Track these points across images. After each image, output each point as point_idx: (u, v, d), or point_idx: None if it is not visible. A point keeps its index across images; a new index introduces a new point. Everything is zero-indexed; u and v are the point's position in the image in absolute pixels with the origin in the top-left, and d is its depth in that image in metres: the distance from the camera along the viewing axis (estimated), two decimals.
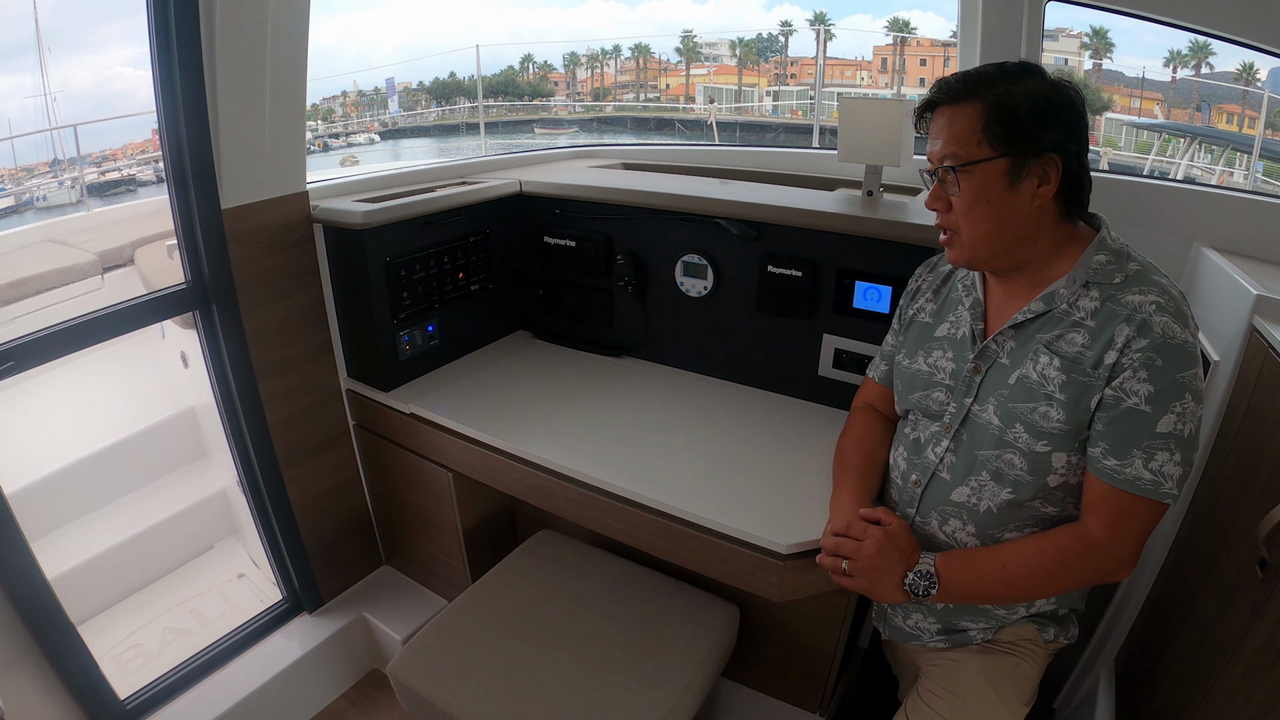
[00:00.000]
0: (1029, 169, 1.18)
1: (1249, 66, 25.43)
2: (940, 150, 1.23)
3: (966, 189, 1.21)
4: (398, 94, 40.52)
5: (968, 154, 1.20)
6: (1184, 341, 1.13)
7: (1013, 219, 1.21)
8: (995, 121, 1.17)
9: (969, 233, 1.24)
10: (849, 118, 1.99)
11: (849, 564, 1.32)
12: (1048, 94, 1.18)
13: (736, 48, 44.09)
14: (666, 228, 2.09)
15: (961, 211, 1.23)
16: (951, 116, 1.22)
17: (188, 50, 1.62)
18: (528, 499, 1.82)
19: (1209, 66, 31.50)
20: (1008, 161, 1.18)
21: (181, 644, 2.43)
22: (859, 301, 1.84)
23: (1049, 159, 1.17)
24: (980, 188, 1.20)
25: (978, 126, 1.19)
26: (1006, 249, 1.25)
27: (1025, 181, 1.18)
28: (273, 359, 1.97)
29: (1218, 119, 25.79)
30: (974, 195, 1.21)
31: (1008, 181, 1.19)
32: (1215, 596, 1.45)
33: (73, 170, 7.44)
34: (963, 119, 1.20)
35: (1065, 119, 1.18)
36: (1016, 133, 1.17)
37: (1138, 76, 32.17)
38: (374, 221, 1.88)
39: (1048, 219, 1.23)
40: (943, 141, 1.23)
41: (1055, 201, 1.21)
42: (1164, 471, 1.14)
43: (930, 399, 1.40)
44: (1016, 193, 1.19)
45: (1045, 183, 1.19)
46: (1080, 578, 1.26)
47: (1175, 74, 32.09)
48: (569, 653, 1.66)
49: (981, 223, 1.22)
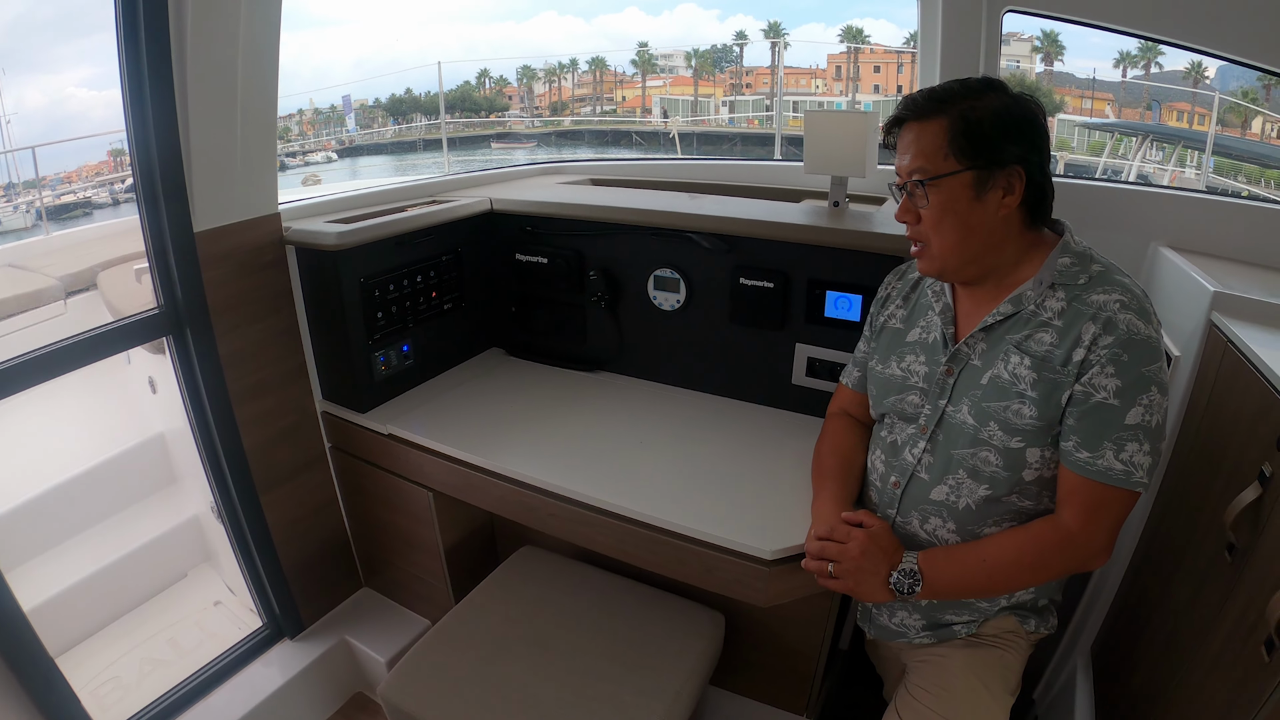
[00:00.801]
0: (994, 180, 1.22)
1: (1198, 65, 26.12)
2: (909, 165, 1.27)
3: (935, 201, 1.25)
4: (354, 111, 40.21)
5: (935, 168, 1.24)
6: (1148, 337, 1.17)
7: (979, 229, 1.25)
8: (960, 136, 1.22)
9: (938, 244, 1.28)
10: (815, 131, 2.01)
11: (834, 566, 1.34)
12: (1010, 108, 1.23)
13: (692, 59, 44.46)
14: (638, 242, 2.10)
15: (930, 223, 1.28)
16: (919, 132, 1.26)
17: (158, 73, 1.61)
18: (510, 516, 1.82)
19: (1158, 66, 32.31)
20: (973, 174, 1.22)
21: (160, 674, 2.39)
22: (830, 310, 1.87)
23: (1013, 170, 1.22)
24: (948, 200, 1.24)
25: (944, 141, 1.23)
26: (974, 258, 1.29)
27: (991, 193, 1.23)
28: (248, 383, 1.96)
29: (1168, 117, 26.43)
30: (942, 207, 1.25)
31: (974, 193, 1.23)
32: (1186, 582, 1.49)
33: (28, 194, 7.31)
34: (929, 134, 1.24)
35: (1027, 132, 1.23)
36: (981, 146, 1.21)
37: (1089, 78, 32.89)
38: (347, 242, 1.88)
39: (1013, 228, 1.27)
40: (911, 156, 1.27)
41: (1020, 211, 1.26)
42: (1134, 461, 1.18)
43: (905, 402, 1.43)
44: (983, 204, 1.23)
45: (1010, 193, 1.23)
46: (1059, 567, 1.30)
47: (1125, 74, 32.83)
48: (559, 667, 1.66)
49: (949, 234, 1.26)
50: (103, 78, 6.88)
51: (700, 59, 44.63)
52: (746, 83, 43.98)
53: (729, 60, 45.81)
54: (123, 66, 1.61)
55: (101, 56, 1.62)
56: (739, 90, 43.44)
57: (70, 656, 2.53)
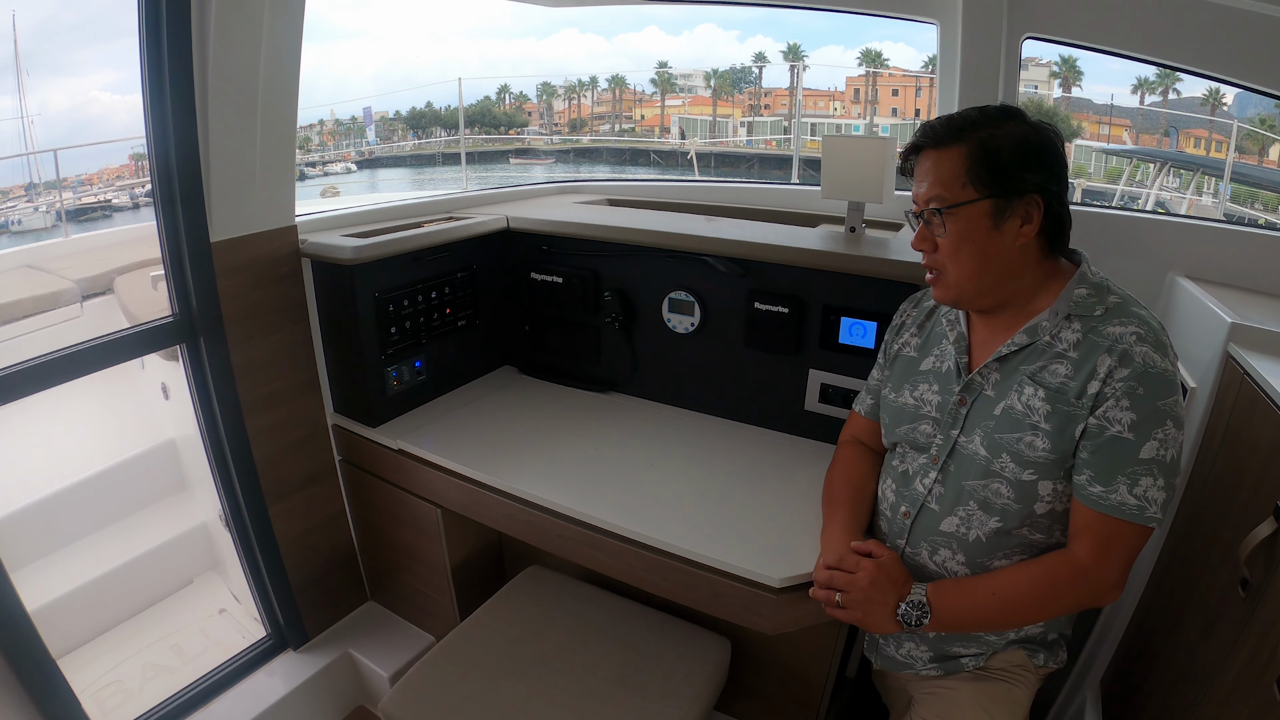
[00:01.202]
0: (1012, 209, 1.21)
1: (1215, 91, 26.03)
2: (926, 193, 1.26)
3: (952, 230, 1.24)
4: (375, 123, 40.53)
5: (953, 196, 1.23)
6: (1164, 370, 1.16)
7: (997, 258, 1.25)
8: (979, 164, 1.21)
9: (954, 272, 1.27)
10: (832, 155, 2.01)
11: (842, 596, 1.33)
12: (1029, 136, 1.22)
13: (711, 79, 44.65)
14: (653, 264, 2.11)
15: (947, 252, 1.27)
16: (937, 160, 1.25)
17: (180, 82, 1.63)
18: (518, 535, 1.82)
19: (1176, 92, 32.23)
20: (992, 203, 1.21)
21: (163, 680, 2.39)
22: (844, 337, 1.87)
23: (1031, 199, 1.21)
24: (965, 228, 1.24)
25: (962, 169, 1.22)
26: (991, 287, 1.28)
27: (1009, 221, 1.22)
28: (260, 394, 1.96)
29: (1185, 144, 26.36)
30: (959, 236, 1.24)
31: (992, 222, 1.22)
32: (1198, 617, 1.47)
33: (49, 195, 7.39)
34: (948, 162, 1.24)
35: (1046, 161, 1.22)
36: (1000, 175, 1.20)
37: (1106, 103, 32.84)
38: (363, 257, 1.89)
39: (1030, 257, 1.26)
40: (928, 184, 1.26)
41: (1038, 240, 1.25)
42: (1148, 496, 1.17)
43: (917, 431, 1.42)
44: (1000, 232, 1.23)
45: (1028, 222, 1.22)
46: (1070, 602, 1.29)
47: (1143, 101, 32.78)
48: (564, 688, 1.65)
49: (966, 262, 1.26)
50: (125, 82, 7.04)
51: (719, 79, 44.82)
52: (765, 104, 44.15)
53: (748, 81, 46.03)
54: (144, 74, 1.63)
55: (124, 61, 1.64)
56: (757, 111, 43.60)
57: (74, 658, 2.53)
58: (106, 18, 7.47)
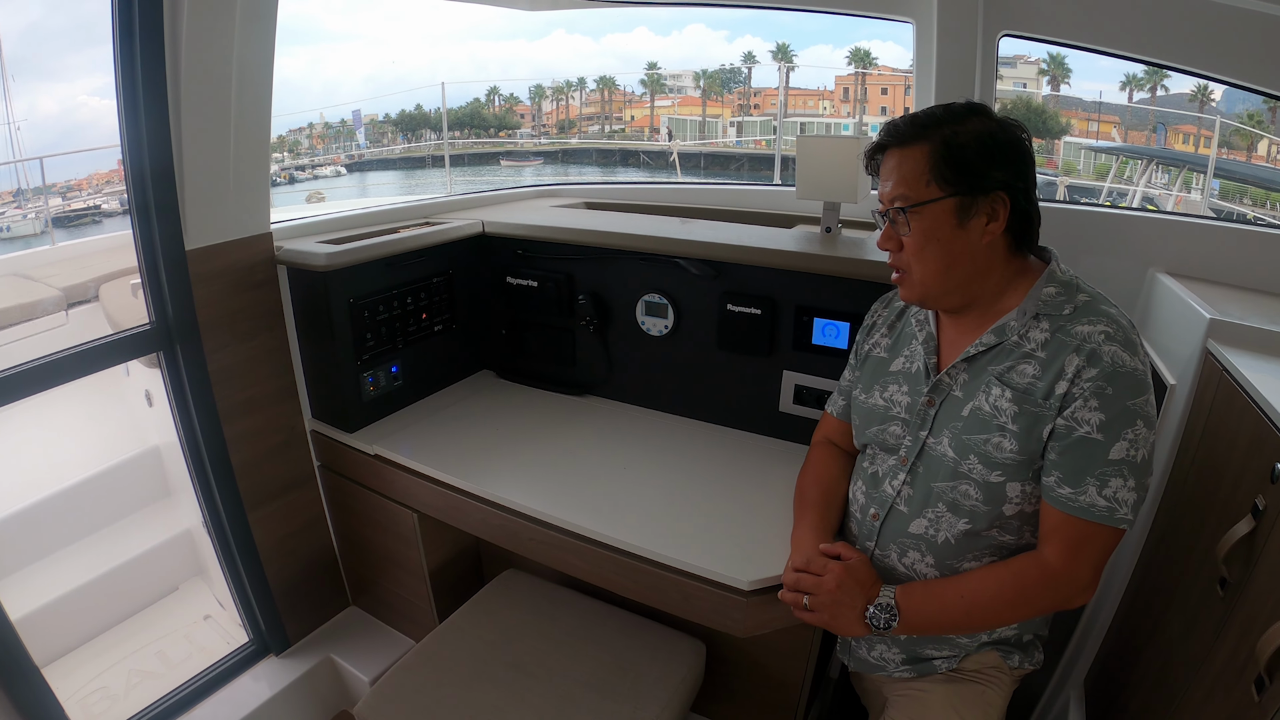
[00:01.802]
0: (977, 207, 1.21)
1: (1204, 88, 26.13)
2: (890, 192, 1.26)
3: (917, 229, 1.24)
4: (364, 126, 40.46)
5: (917, 195, 1.23)
6: (1133, 369, 1.15)
7: (963, 257, 1.24)
8: (943, 162, 1.20)
9: (920, 271, 1.27)
10: (807, 155, 2.01)
11: (809, 599, 1.33)
12: (994, 133, 1.21)
13: (700, 79, 44.68)
14: (627, 267, 2.11)
15: (912, 251, 1.26)
16: (901, 159, 1.25)
17: (153, 91, 1.63)
18: (492, 539, 1.82)
19: (1164, 89, 32.31)
20: (956, 201, 1.21)
21: (148, 686, 2.38)
22: (818, 338, 1.87)
23: (997, 197, 1.20)
24: (930, 227, 1.23)
25: (926, 167, 1.22)
26: (957, 286, 1.27)
27: (974, 219, 1.21)
28: (237, 400, 1.96)
29: (1174, 140, 26.43)
30: (924, 234, 1.24)
31: (957, 220, 1.22)
32: (1179, 616, 1.47)
33: (38, 201, 7.38)
34: (911, 161, 1.23)
35: (1011, 157, 1.21)
36: (964, 172, 1.20)
37: (1095, 100, 32.89)
38: (337, 263, 1.89)
39: (997, 255, 1.25)
40: (893, 183, 1.26)
41: (1004, 238, 1.24)
42: (1118, 497, 1.16)
43: (886, 433, 1.41)
44: (966, 231, 1.22)
45: (994, 220, 1.21)
46: (1040, 605, 1.28)
47: (1131, 98, 32.85)
48: (537, 693, 1.65)
49: (932, 261, 1.25)
50: (113, 87, 7.01)
51: (708, 80, 44.84)
52: (755, 104, 44.21)
53: (737, 81, 46.07)
54: (118, 83, 1.63)
55: (112, 66, 1.64)
56: (747, 111, 43.63)
57: (60, 665, 2.53)
58: (95, 23, 7.45)
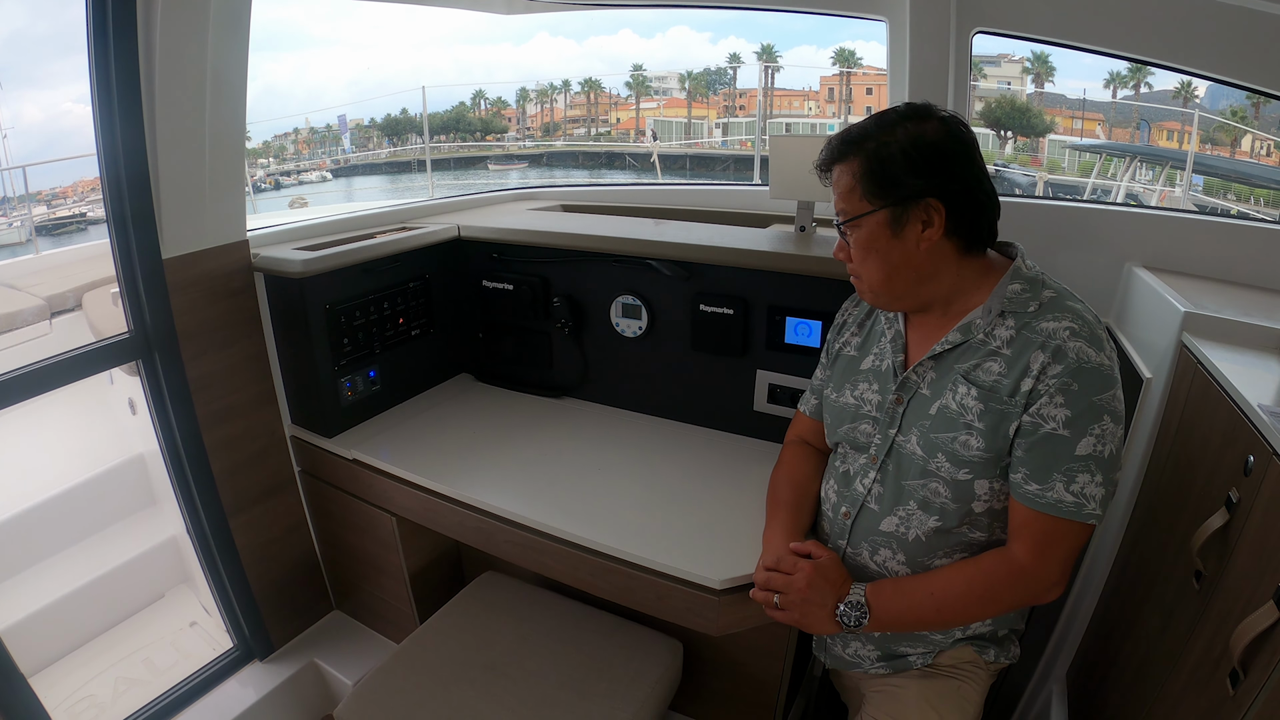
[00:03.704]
0: (909, 216, 1.21)
1: (1187, 84, 26.25)
2: (835, 205, 1.29)
3: (855, 241, 1.27)
4: (350, 131, 40.33)
5: (851, 209, 1.25)
6: (1099, 365, 1.16)
7: (903, 265, 1.25)
8: (868, 177, 1.22)
9: (868, 279, 1.30)
10: (779, 155, 2.03)
11: (780, 598, 1.34)
12: (918, 140, 1.20)
13: (686, 81, 44.66)
14: (600, 270, 2.12)
15: (858, 260, 1.29)
16: (839, 174, 1.27)
17: (127, 100, 1.63)
18: (469, 542, 1.83)
19: (1148, 86, 32.43)
20: (888, 212, 1.22)
21: (135, 694, 2.38)
22: (790, 337, 1.88)
23: (927, 204, 1.20)
24: (867, 239, 1.25)
25: (856, 183, 1.24)
26: (906, 292, 1.29)
27: (908, 228, 1.22)
28: (216, 407, 1.97)
29: (1158, 136, 26.55)
30: (863, 246, 1.26)
31: (890, 231, 1.23)
32: (1156, 609, 1.48)
33: (22, 209, 7.34)
34: (846, 176, 1.25)
35: (941, 162, 1.20)
36: (889, 185, 1.21)
37: (1079, 98, 32.99)
38: (313, 269, 1.89)
39: (945, 258, 1.25)
40: (836, 197, 1.28)
41: (949, 240, 1.24)
42: (1086, 493, 1.16)
43: (857, 431, 1.42)
44: (902, 240, 1.23)
45: (929, 226, 1.21)
46: (1009, 601, 1.29)
47: (1115, 95, 32.96)
48: (514, 694, 1.66)
49: (875, 271, 1.27)
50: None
51: (694, 81, 44.87)
52: (740, 105, 44.24)
53: (723, 82, 46.13)
54: (93, 92, 1.64)
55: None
56: (732, 112, 43.65)
57: (46, 675, 2.53)
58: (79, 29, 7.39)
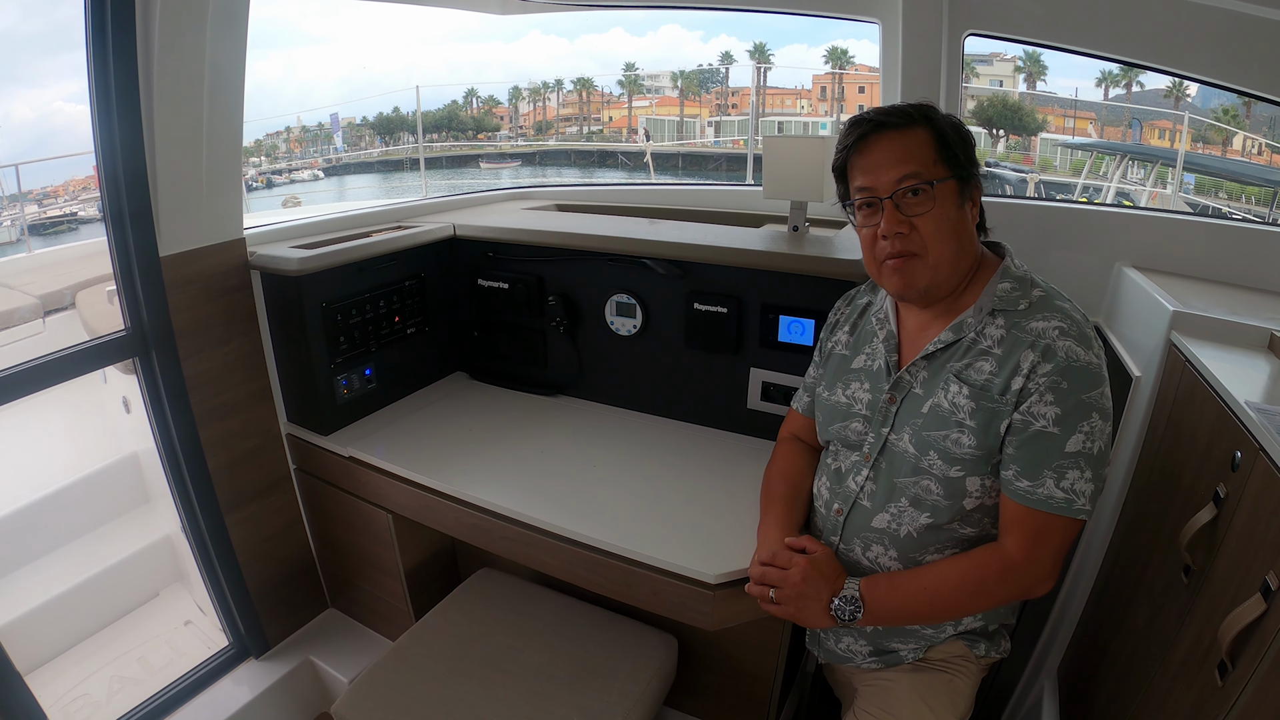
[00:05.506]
0: (968, 191, 1.25)
1: (1178, 84, 26.36)
2: (896, 172, 1.24)
3: (936, 208, 1.24)
4: (342, 130, 40.19)
5: (931, 174, 1.23)
6: (1088, 363, 1.18)
7: (965, 238, 1.27)
8: (942, 144, 1.24)
9: (937, 253, 1.25)
10: (773, 155, 2.04)
11: (776, 592, 1.35)
12: (959, 126, 1.26)
13: (678, 80, 44.64)
14: (595, 268, 2.13)
15: (929, 232, 1.24)
16: (905, 140, 1.25)
17: (125, 97, 1.64)
18: (466, 539, 1.84)
19: (1139, 85, 32.59)
20: (957, 183, 1.24)
21: (130, 693, 2.37)
22: (784, 335, 1.90)
23: (975, 183, 1.26)
24: (944, 207, 1.24)
25: (933, 148, 1.24)
26: (961, 269, 1.29)
27: (967, 202, 1.26)
28: (212, 405, 1.97)
29: (1150, 135, 26.65)
30: (941, 214, 1.24)
31: (958, 201, 1.25)
32: (1146, 604, 1.49)
33: (13, 209, 7.32)
34: (918, 142, 1.24)
35: (973, 149, 1.27)
36: (954, 158, 1.24)
37: (1071, 97, 33.11)
38: (309, 268, 1.90)
39: (975, 241, 1.30)
40: (899, 163, 1.24)
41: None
42: (1075, 489, 1.19)
43: (849, 429, 1.44)
44: (963, 213, 1.26)
45: (975, 205, 1.27)
46: (1001, 595, 1.31)
47: (1107, 94, 33.11)
48: (510, 689, 1.67)
49: (949, 240, 1.25)
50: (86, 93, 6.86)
51: (686, 80, 44.88)
52: (732, 103, 44.25)
53: (715, 81, 46.18)
54: (91, 90, 1.64)
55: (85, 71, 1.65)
56: (725, 111, 43.67)
57: (41, 674, 2.52)
58: (70, 28, 7.35)
